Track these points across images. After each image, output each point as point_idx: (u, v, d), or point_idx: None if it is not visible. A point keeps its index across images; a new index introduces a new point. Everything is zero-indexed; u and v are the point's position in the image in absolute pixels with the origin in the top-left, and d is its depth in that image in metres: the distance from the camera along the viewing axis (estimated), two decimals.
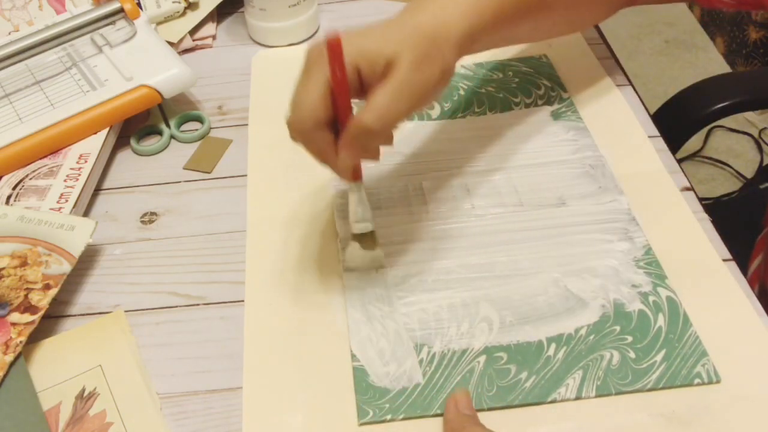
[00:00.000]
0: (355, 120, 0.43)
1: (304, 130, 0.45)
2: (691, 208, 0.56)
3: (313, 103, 0.44)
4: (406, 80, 0.43)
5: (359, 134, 0.44)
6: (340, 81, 0.43)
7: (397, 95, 0.43)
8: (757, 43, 1.77)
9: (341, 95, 0.44)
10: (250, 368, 0.48)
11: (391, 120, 0.44)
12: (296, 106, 0.45)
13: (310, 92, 0.44)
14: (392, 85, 0.43)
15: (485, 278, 0.52)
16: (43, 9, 0.76)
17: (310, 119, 0.44)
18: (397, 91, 0.43)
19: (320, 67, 0.44)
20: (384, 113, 0.43)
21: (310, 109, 0.44)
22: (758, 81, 0.88)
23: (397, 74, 0.43)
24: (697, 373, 0.45)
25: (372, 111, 0.43)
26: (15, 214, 0.55)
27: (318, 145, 0.45)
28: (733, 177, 1.63)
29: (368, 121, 0.43)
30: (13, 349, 0.48)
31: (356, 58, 0.44)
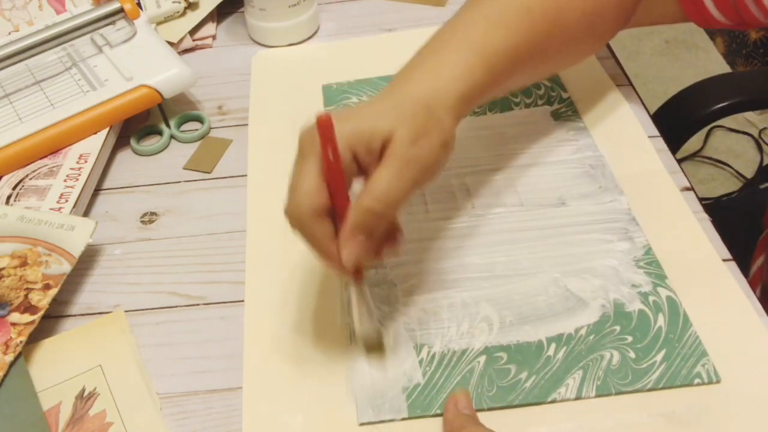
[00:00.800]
0: (357, 205, 0.41)
1: (301, 219, 0.41)
2: (691, 208, 0.56)
3: (309, 189, 0.41)
4: (405, 156, 0.41)
5: (362, 219, 0.41)
6: (333, 166, 0.41)
7: (397, 173, 0.41)
8: (757, 43, 1.77)
9: (336, 180, 0.41)
10: (250, 368, 0.48)
11: (394, 200, 0.41)
12: (292, 193, 0.42)
13: (305, 178, 0.41)
14: (391, 163, 0.41)
15: (485, 278, 0.52)
16: (43, 9, 0.76)
17: (307, 206, 0.41)
18: (397, 169, 0.41)
19: (314, 150, 0.41)
20: (386, 193, 0.40)
21: (307, 195, 0.41)
22: (758, 81, 0.88)
23: (396, 151, 0.41)
24: (697, 373, 0.45)
25: (372, 192, 0.40)
26: (15, 214, 0.55)
27: (317, 235, 0.42)
28: (733, 177, 1.63)
29: (369, 203, 0.40)
30: (13, 349, 0.48)
31: (350, 139, 0.41)
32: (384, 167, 0.41)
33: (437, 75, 0.46)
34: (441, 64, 0.47)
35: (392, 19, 0.78)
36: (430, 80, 0.46)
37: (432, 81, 0.45)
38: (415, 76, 0.46)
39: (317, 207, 0.41)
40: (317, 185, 0.41)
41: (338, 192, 0.41)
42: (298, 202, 0.41)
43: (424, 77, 0.46)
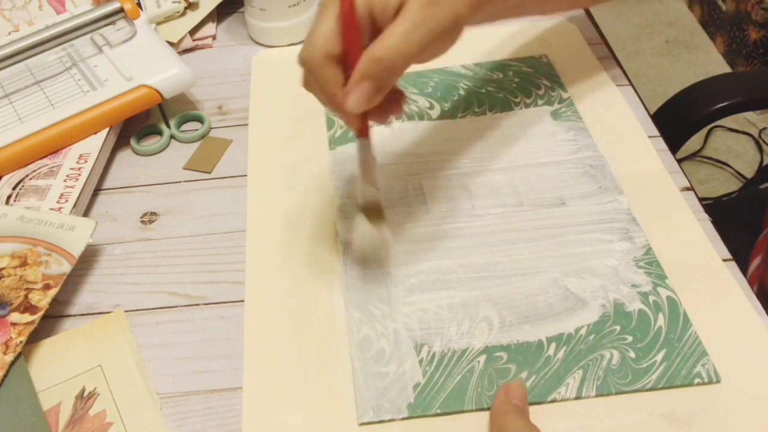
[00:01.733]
0: (366, 53, 0.42)
1: (313, 62, 0.43)
2: (691, 208, 0.56)
3: (324, 36, 0.43)
4: (418, 15, 0.42)
5: (371, 67, 0.42)
6: (349, 13, 0.42)
7: (408, 29, 0.42)
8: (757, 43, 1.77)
9: (350, 29, 0.43)
10: (250, 368, 0.48)
11: (403, 54, 0.42)
12: (307, 41, 0.44)
13: (322, 24, 0.43)
14: (405, 19, 0.42)
15: (485, 278, 0.52)
16: (43, 9, 0.76)
17: (321, 50, 0.43)
18: (410, 25, 0.42)
19: (333, 4, 0.43)
20: (395, 46, 0.42)
21: (321, 42, 0.43)
22: (758, 81, 0.88)
23: (411, 8, 0.42)
24: (697, 373, 0.45)
25: (385, 42, 0.42)
26: (15, 214, 0.55)
27: (327, 80, 0.44)
28: (733, 177, 1.63)
29: (381, 52, 0.42)
30: (13, 349, 0.48)
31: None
32: (397, 22, 0.42)
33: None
34: None
35: None
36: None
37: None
38: None
39: (330, 52, 0.43)
40: (333, 32, 0.43)
41: (351, 42, 0.43)
42: (313, 46, 0.43)
43: None
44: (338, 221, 0.56)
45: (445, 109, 0.66)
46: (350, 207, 0.57)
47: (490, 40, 0.73)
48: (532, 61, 0.70)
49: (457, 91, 0.67)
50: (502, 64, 0.70)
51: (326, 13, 0.44)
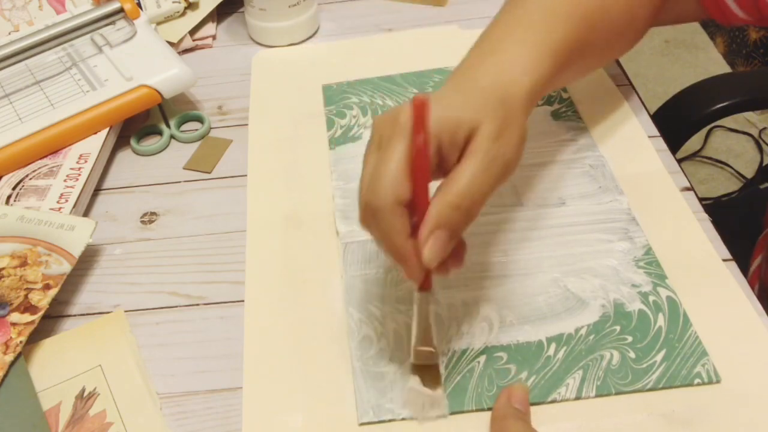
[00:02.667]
0: (441, 200, 0.38)
1: (381, 211, 0.38)
2: (691, 208, 0.56)
3: (394, 178, 0.38)
4: (490, 152, 0.39)
5: (449, 214, 0.38)
6: (423, 153, 0.38)
7: (483, 169, 0.39)
8: (757, 43, 1.77)
9: (423, 170, 0.38)
10: (250, 368, 0.48)
11: (480, 197, 0.39)
12: (374, 182, 0.39)
13: (389, 165, 0.38)
14: (476, 157, 0.39)
15: (485, 278, 0.52)
16: (43, 9, 0.76)
17: (391, 197, 0.38)
18: (483, 164, 0.39)
19: (397, 139, 0.39)
20: (471, 189, 0.38)
21: (391, 184, 0.38)
22: (758, 81, 0.88)
23: (482, 146, 0.39)
24: (697, 373, 0.45)
25: (458, 187, 0.38)
26: (15, 214, 0.55)
27: (395, 230, 0.39)
28: (733, 177, 1.63)
29: (454, 199, 0.38)
30: (13, 349, 0.48)
31: (436, 127, 0.39)
32: (469, 162, 0.39)
33: (506, 68, 0.44)
34: (508, 57, 0.45)
35: (392, 19, 0.78)
36: (499, 74, 0.44)
37: (502, 75, 0.44)
38: (483, 69, 0.44)
39: (401, 198, 0.38)
40: (402, 173, 0.38)
41: (423, 183, 0.39)
42: (381, 192, 0.38)
43: (492, 71, 0.44)
44: (338, 220, 0.56)
45: None
46: (350, 207, 0.57)
47: None
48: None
49: None
50: None
51: (391, 151, 0.39)
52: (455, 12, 0.78)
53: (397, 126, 0.39)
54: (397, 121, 0.39)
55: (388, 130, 0.40)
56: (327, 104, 0.67)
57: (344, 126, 0.65)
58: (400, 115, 0.39)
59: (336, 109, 0.67)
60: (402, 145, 0.39)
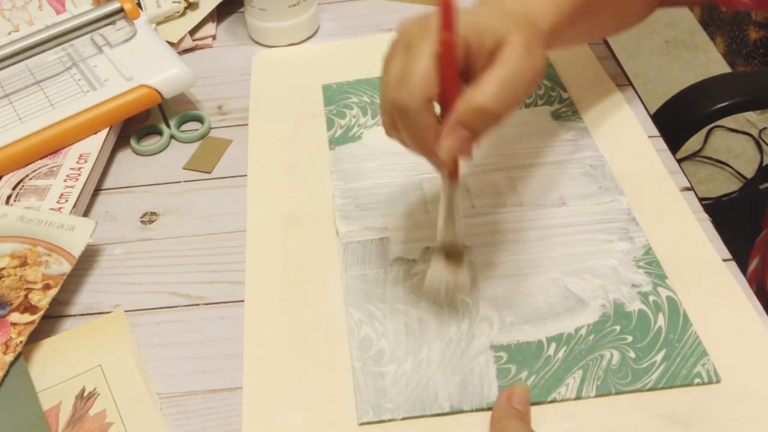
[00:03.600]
0: (469, 99, 0.39)
1: (412, 108, 0.39)
2: (691, 208, 0.56)
3: (422, 78, 0.39)
4: (520, 61, 0.40)
5: (474, 115, 0.39)
6: (451, 51, 0.38)
7: (512, 76, 0.39)
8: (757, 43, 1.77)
9: (451, 68, 0.39)
10: (250, 368, 0.48)
11: (508, 102, 0.39)
12: (403, 80, 0.39)
13: (419, 64, 0.39)
14: (507, 65, 0.39)
15: (485, 278, 0.52)
16: (43, 9, 0.76)
17: (422, 93, 0.39)
18: (513, 72, 0.39)
19: (426, 38, 0.39)
20: (499, 94, 0.39)
21: (421, 85, 0.39)
22: (758, 81, 0.88)
23: (514, 53, 0.39)
24: (697, 373, 0.45)
25: (487, 90, 0.39)
26: (15, 214, 0.55)
27: (423, 125, 0.40)
28: (733, 177, 1.63)
29: (485, 100, 0.39)
30: (13, 349, 0.48)
31: (465, 31, 0.40)
32: (500, 68, 0.39)
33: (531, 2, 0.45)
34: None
35: (392, 19, 0.78)
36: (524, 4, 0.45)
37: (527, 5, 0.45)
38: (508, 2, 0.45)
39: (429, 95, 0.39)
40: (431, 73, 0.39)
41: (451, 81, 0.39)
42: (412, 89, 0.39)
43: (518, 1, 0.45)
44: (338, 220, 0.56)
45: None
46: (350, 207, 0.57)
47: None
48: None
49: None
50: None
51: (420, 50, 0.39)
52: None
53: (426, 27, 0.40)
54: (427, 23, 0.40)
55: (416, 32, 0.40)
56: (327, 104, 0.67)
57: (344, 126, 0.65)
58: (429, 18, 0.40)
59: (336, 109, 0.67)
60: (431, 44, 0.39)
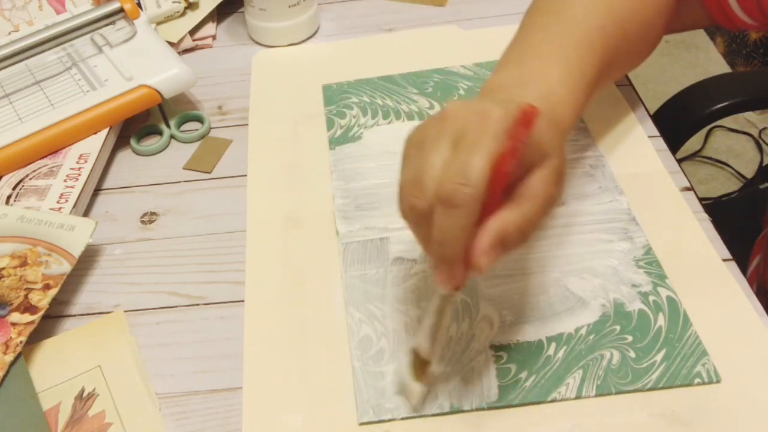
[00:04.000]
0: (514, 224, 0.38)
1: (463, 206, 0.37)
2: (691, 208, 0.56)
3: (483, 175, 0.36)
4: (552, 193, 0.39)
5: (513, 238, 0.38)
6: (513, 161, 0.37)
7: (545, 204, 0.39)
8: (757, 43, 1.77)
9: (505, 178, 0.37)
10: (250, 368, 0.48)
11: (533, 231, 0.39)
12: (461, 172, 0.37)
13: (481, 161, 0.36)
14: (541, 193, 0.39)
15: (485, 278, 0.52)
16: (43, 9, 0.76)
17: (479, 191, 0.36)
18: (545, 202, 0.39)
19: (492, 137, 0.37)
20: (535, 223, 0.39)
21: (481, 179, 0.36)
22: (758, 81, 0.88)
23: (548, 183, 0.39)
24: (697, 373, 0.45)
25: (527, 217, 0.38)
26: (15, 214, 0.55)
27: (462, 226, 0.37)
28: (733, 177, 1.63)
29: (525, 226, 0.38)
30: (13, 349, 0.48)
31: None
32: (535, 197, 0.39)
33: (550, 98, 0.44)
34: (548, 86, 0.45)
35: (392, 19, 0.78)
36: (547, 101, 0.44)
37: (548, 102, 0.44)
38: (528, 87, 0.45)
39: (482, 196, 0.37)
40: (487, 174, 0.37)
41: (502, 189, 0.38)
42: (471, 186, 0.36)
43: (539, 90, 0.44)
44: (338, 220, 0.56)
45: None
46: (350, 207, 0.57)
47: (490, 40, 0.73)
48: None
49: (457, 91, 0.67)
50: None
51: (480, 148, 0.37)
52: (455, 12, 0.78)
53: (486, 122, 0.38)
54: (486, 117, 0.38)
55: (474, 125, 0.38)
56: (327, 104, 0.67)
57: (344, 126, 0.65)
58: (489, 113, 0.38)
59: (336, 109, 0.67)
60: (494, 145, 0.37)
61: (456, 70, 0.69)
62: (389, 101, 0.67)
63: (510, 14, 0.76)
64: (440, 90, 0.67)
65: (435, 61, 0.71)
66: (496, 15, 0.77)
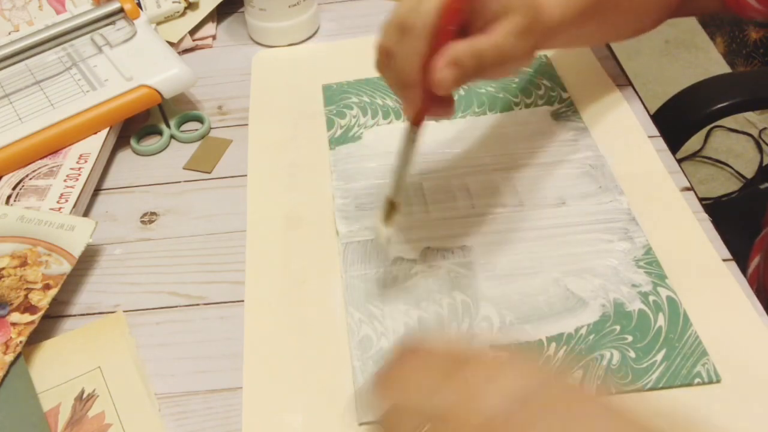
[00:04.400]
0: (471, 43, 0.41)
1: (416, 30, 0.41)
2: (691, 208, 0.56)
3: (434, 7, 0.40)
4: (510, 39, 0.42)
5: (468, 57, 0.41)
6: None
7: (514, 34, 0.42)
8: (757, 43, 1.77)
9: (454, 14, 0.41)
10: (250, 368, 0.48)
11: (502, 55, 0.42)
12: (412, 6, 0.41)
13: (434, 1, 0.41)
14: (511, 23, 0.42)
15: (485, 278, 0.52)
16: (43, 9, 0.76)
17: (430, 21, 0.41)
18: (516, 31, 0.42)
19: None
20: (500, 45, 0.41)
21: (434, 13, 0.40)
22: (758, 81, 0.88)
23: (505, 28, 0.42)
24: (697, 373, 0.45)
25: (489, 39, 0.41)
26: (15, 214, 0.55)
27: (417, 53, 0.41)
28: (733, 177, 1.63)
29: (484, 46, 0.41)
30: (13, 349, 0.48)
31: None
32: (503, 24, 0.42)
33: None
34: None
35: None
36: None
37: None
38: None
39: (432, 25, 0.41)
40: (439, 7, 0.41)
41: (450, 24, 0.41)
42: (424, 15, 0.41)
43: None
44: (338, 220, 0.56)
45: None
46: (350, 207, 0.57)
47: None
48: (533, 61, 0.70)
49: (457, 91, 0.67)
50: None
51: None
52: None
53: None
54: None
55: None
56: (327, 104, 0.67)
57: (344, 126, 0.65)
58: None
59: (336, 109, 0.67)
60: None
61: None
62: (389, 101, 0.67)
63: None
64: None
65: None
66: None
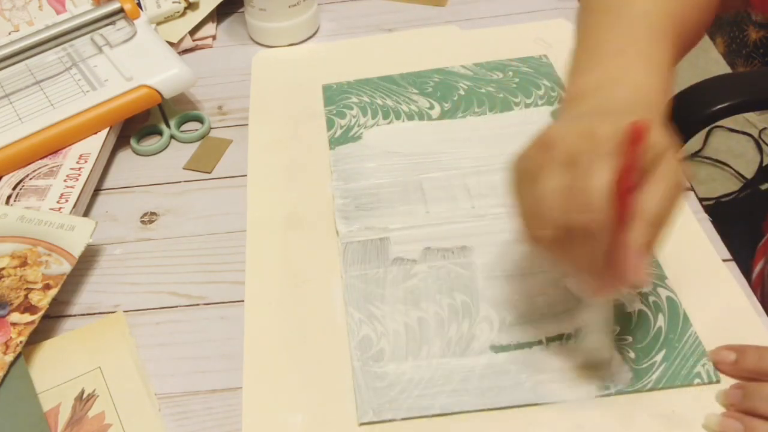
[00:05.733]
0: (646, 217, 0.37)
1: (597, 230, 0.36)
2: (691, 208, 0.56)
3: (606, 195, 0.36)
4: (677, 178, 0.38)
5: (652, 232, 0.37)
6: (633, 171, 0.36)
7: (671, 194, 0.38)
8: (757, 43, 1.77)
9: (630, 191, 0.36)
10: (250, 368, 0.48)
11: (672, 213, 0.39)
12: (579, 200, 0.36)
13: (600, 182, 0.36)
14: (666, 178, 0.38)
15: (485, 278, 0.52)
16: (43, 9, 0.76)
17: (605, 214, 0.36)
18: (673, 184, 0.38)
19: (607, 156, 0.36)
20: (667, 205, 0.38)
21: (606, 204, 0.36)
22: (758, 81, 0.88)
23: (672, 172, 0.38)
24: (696, 373, 0.45)
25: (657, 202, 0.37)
26: (15, 214, 0.55)
27: (598, 248, 0.37)
28: (733, 177, 1.63)
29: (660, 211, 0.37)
30: (13, 349, 0.48)
31: None
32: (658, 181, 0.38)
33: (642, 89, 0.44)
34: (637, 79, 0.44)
35: (392, 19, 0.78)
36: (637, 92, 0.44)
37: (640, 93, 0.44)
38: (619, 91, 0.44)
39: (609, 218, 0.36)
40: (611, 189, 0.36)
41: (625, 208, 0.37)
42: (596, 209, 0.36)
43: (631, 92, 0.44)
44: (338, 220, 0.56)
45: (445, 109, 0.66)
46: (350, 207, 0.57)
47: (490, 40, 0.73)
48: (532, 61, 0.70)
49: (457, 91, 0.67)
50: (502, 64, 0.70)
51: (598, 173, 0.36)
52: (455, 12, 0.78)
53: (595, 143, 0.37)
54: (594, 138, 0.37)
55: (583, 148, 0.37)
56: (327, 104, 0.67)
57: (344, 126, 0.65)
58: (596, 133, 0.38)
59: (336, 109, 0.67)
60: (609, 166, 0.36)
61: (456, 70, 0.69)
62: (389, 101, 0.67)
63: (510, 14, 0.76)
64: (440, 90, 0.67)
65: (435, 61, 0.71)
66: (496, 15, 0.77)
